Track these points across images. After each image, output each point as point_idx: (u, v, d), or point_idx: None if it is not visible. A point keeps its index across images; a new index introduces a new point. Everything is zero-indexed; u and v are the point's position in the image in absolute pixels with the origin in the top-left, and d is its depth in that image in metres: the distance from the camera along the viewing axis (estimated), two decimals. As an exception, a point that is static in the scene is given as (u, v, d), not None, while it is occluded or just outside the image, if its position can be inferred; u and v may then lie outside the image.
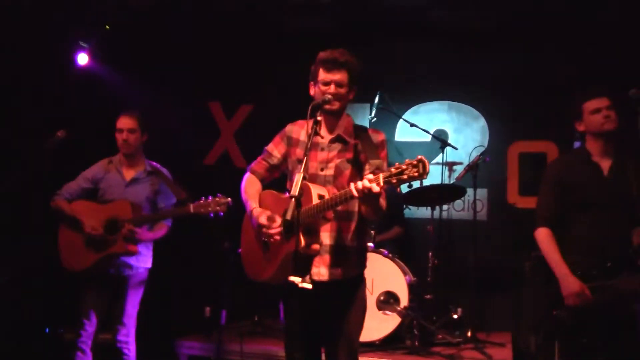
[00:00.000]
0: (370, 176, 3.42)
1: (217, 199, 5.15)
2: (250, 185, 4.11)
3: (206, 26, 7.78)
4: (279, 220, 3.82)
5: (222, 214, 5.14)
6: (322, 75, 3.87)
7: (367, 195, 3.43)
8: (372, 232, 6.53)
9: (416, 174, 3.27)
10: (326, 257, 3.81)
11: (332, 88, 3.83)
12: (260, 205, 4.01)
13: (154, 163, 5.63)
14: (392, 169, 3.34)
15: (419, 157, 3.28)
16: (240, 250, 4.21)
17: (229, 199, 5.14)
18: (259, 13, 7.54)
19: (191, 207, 5.19)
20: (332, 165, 3.88)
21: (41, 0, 6.97)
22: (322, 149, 3.91)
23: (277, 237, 3.80)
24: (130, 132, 5.44)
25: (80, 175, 5.56)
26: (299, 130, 4.04)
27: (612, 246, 4.34)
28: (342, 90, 3.85)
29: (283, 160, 4.09)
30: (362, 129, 3.94)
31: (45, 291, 6.87)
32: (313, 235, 3.72)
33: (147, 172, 5.54)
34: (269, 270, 3.91)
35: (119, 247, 5.24)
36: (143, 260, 5.49)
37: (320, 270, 3.80)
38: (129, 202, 5.32)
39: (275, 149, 4.10)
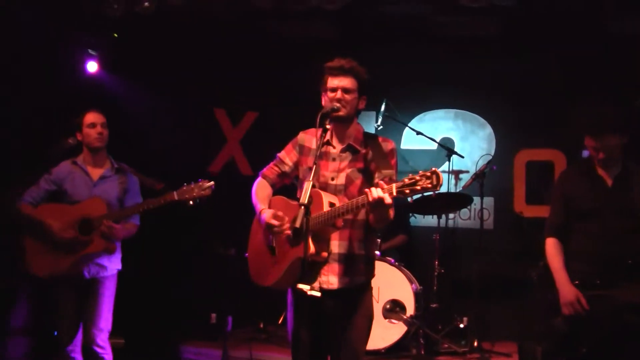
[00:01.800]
0: (383, 185, 3.43)
1: (200, 183, 4.94)
2: (260, 189, 4.12)
3: (212, 34, 7.79)
4: (287, 219, 3.83)
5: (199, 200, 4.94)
6: (330, 82, 3.89)
7: (378, 204, 3.44)
8: (378, 240, 6.51)
9: (429, 186, 3.29)
10: (335, 266, 3.83)
11: (338, 93, 3.85)
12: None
13: (121, 163, 5.45)
14: (406, 180, 3.36)
15: (433, 168, 3.31)
16: (247, 254, 4.20)
17: (212, 182, 4.95)
18: (264, 20, 7.55)
19: (175, 194, 4.94)
20: (342, 174, 3.90)
21: (51, 8, 6.97)
22: (334, 159, 3.93)
23: (288, 232, 3.80)
24: (103, 126, 5.21)
25: (42, 178, 5.28)
26: (311, 138, 4.04)
27: (612, 256, 4.35)
28: (349, 97, 3.86)
29: (294, 168, 4.11)
30: (372, 137, 3.95)
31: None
32: (322, 242, 3.73)
33: (114, 169, 5.36)
34: (274, 275, 3.92)
35: (95, 246, 5.04)
36: (115, 262, 5.29)
37: (330, 279, 3.82)
38: (102, 199, 5.12)
39: (287, 157, 4.12)
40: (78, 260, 5.08)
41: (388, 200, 3.40)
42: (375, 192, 3.41)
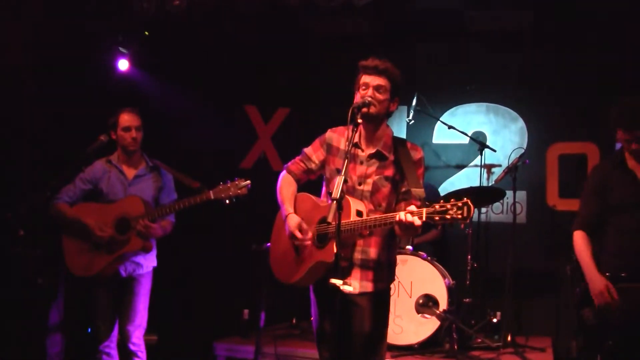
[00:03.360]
0: (413, 208, 3.45)
1: (236, 182, 4.93)
2: (286, 186, 4.13)
3: (242, 30, 7.81)
4: (310, 233, 3.87)
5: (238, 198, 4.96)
6: (362, 79, 3.88)
7: (407, 227, 3.46)
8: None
9: (459, 217, 3.32)
10: (357, 271, 3.86)
11: (370, 91, 3.82)
12: (296, 209, 4.04)
13: (155, 160, 5.49)
14: (437, 206, 3.37)
15: (465, 199, 3.32)
16: (269, 244, 4.24)
17: (249, 181, 4.96)
18: (295, 16, 7.55)
19: (211, 193, 4.94)
20: (370, 181, 3.89)
21: (83, 7, 7.05)
22: (361, 163, 3.92)
23: (308, 244, 3.85)
24: (137, 130, 5.27)
25: (78, 177, 5.32)
26: (339, 138, 4.03)
27: None
28: (381, 96, 3.83)
29: (321, 166, 4.11)
30: (401, 143, 3.93)
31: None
32: (345, 248, 3.78)
33: (149, 168, 5.40)
34: (298, 274, 3.97)
35: (133, 245, 5.08)
36: (150, 259, 5.35)
37: (352, 283, 3.82)
38: (140, 198, 5.15)
39: (314, 154, 4.11)
40: (115, 260, 5.11)
41: (417, 223, 3.41)
42: (405, 217, 3.44)
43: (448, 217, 3.32)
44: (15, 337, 5.99)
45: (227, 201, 4.96)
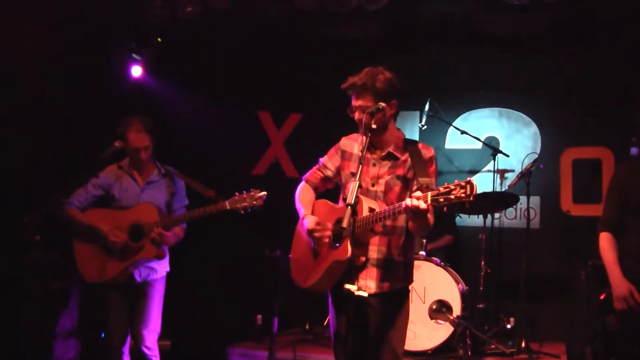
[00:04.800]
0: (419, 193, 3.48)
1: (252, 193, 4.95)
2: (304, 194, 4.18)
3: (255, 36, 7.84)
4: (329, 225, 3.90)
5: (257, 208, 4.97)
6: (352, 101, 3.92)
7: (414, 212, 3.48)
8: (424, 240, 6.49)
9: (463, 195, 3.30)
10: (373, 271, 3.89)
11: (356, 115, 3.88)
12: (313, 214, 4.08)
13: (167, 166, 5.47)
14: (441, 188, 3.39)
15: (468, 178, 3.32)
16: (290, 255, 4.24)
17: (265, 192, 4.97)
18: (307, 22, 7.57)
19: (227, 204, 4.94)
20: (382, 181, 3.93)
21: (96, 14, 7.10)
22: (374, 165, 3.96)
23: (326, 240, 3.88)
24: (145, 150, 5.22)
25: (89, 182, 5.25)
26: (352, 143, 4.09)
27: None
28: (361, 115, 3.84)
29: (337, 173, 4.15)
30: (413, 143, 3.96)
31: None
32: (360, 247, 3.79)
33: (162, 174, 5.37)
34: (314, 277, 3.99)
35: (146, 252, 5.06)
36: (164, 264, 5.33)
37: (368, 283, 3.87)
38: (154, 205, 5.14)
39: (330, 162, 4.16)
40: (128, 266, 5.11)
41: (423, 205, 3.42)
42: (410, 202, 3.46)
43: (452, 197, 3.32)
44: (24, 340, 6.01)
45: (242, 212, 4.97)
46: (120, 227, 5.10)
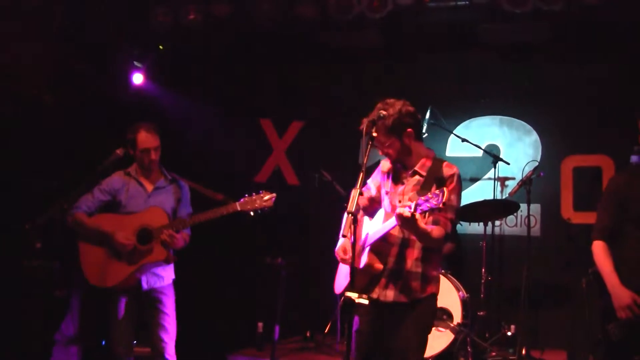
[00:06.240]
0: (408, 203, 3.71)
1: (262, 194, 5.00)
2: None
3: (257, 44, 7.86)
4: (349, 252, 3.98)
5: (266, 209, 5.02)
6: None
7: (401, 220, 3.68)
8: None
9: (434, 203, 3.55)
10: (392, 280, 4.00)
11: (379, 151, 4.11)
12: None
13: (172, 173, 5.43)
14: (422, 198, 3.61)
15: (442, 187, 3.60)
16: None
17: (274, 194, 5.02)
18: (309, 30, 7.59)
19: (237, 205, 4.98)
20: (407, 197, 4.04)
21: (98, 22, 7.13)
22: (402, 183, 4.12)
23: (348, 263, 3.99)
24: (156, 151, 5.18)
25: (96, 188, 5.18)
26: (386, 163, 4.27)
27: None
28: (386, 149, 4.06)
29: (378, 192, 4.31)
30: (439, 162, 4.11)
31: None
32: (379, 256, 3.98)
33: (169, 180, 5.34)
34: (344, 284, 4.10)
35: (156, 255, 5.03)
36: (170, 271, 5.27)
37: (387, 292, 4.00)
38: (162, 209, 5.11)
39: (372, 182, 4.37)
40: (136, 270, 5.06)
41: (406, 213, 3.62)
42: (397, 210, 3.70)
43: (429, 204, 3.56)
44: (23, 347, 6.01)
45: (252, 213, 5.01)
46: (128, 231, 5.05)
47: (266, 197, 5.00)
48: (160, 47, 7.91)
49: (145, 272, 5.11)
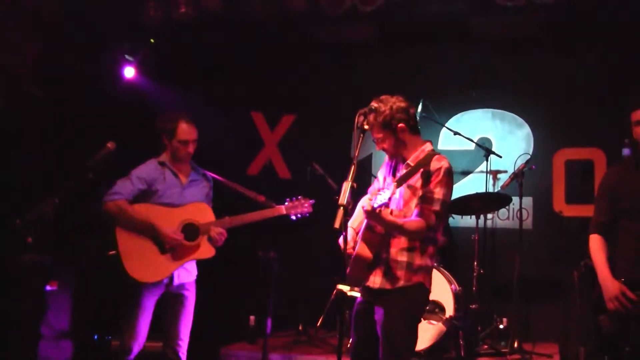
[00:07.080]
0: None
1: (302, 201, 5.17)
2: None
3: (248, 38, 7.84)
4: (352, 242, 4.15)
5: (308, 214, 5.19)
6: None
7: (366, 215, 3.88)
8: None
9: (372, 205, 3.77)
10: (380, 268, 4.07)
11: (377, 147, 4.22)
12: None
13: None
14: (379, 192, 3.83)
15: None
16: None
17: (312, 200, 5.21)
18: (300, 23, 7.58)
19: (283, 209, 5.12)
20: (398, 190, 4.08)
21: (89, 15, 7.10)
22: (398, 175, 4.17)
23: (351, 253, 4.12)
24: (194, 143, 5.08)
25: (133, 174, 4.95)
26: (383, 165, 4.43)
27: None
28: (381, 143, 4.17)
29: (384, 183, 4.36)
30: (431, 155, 4.09)
31: (96, 297, 6.82)
32: (369, 245, 4.07)
33: (201, 173, 5.23)
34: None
35: (204, 252, 4.94)
36: (195, 268, 5.14)
37: (375, 279, 4.08)
38: (208, 205, 5.04)
39: (380, 174, 4.43)
40: (179, 266, 4.92)
41: (367, 207, 3.79)
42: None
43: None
44: (12, 342, 5.98)
45: (294, 217, 5.18)
46: (173, 224, 4.90)
47: (306, 204, 5.19)
48: (152, 40, 7.86)
49: (179, 267, 4.96)
